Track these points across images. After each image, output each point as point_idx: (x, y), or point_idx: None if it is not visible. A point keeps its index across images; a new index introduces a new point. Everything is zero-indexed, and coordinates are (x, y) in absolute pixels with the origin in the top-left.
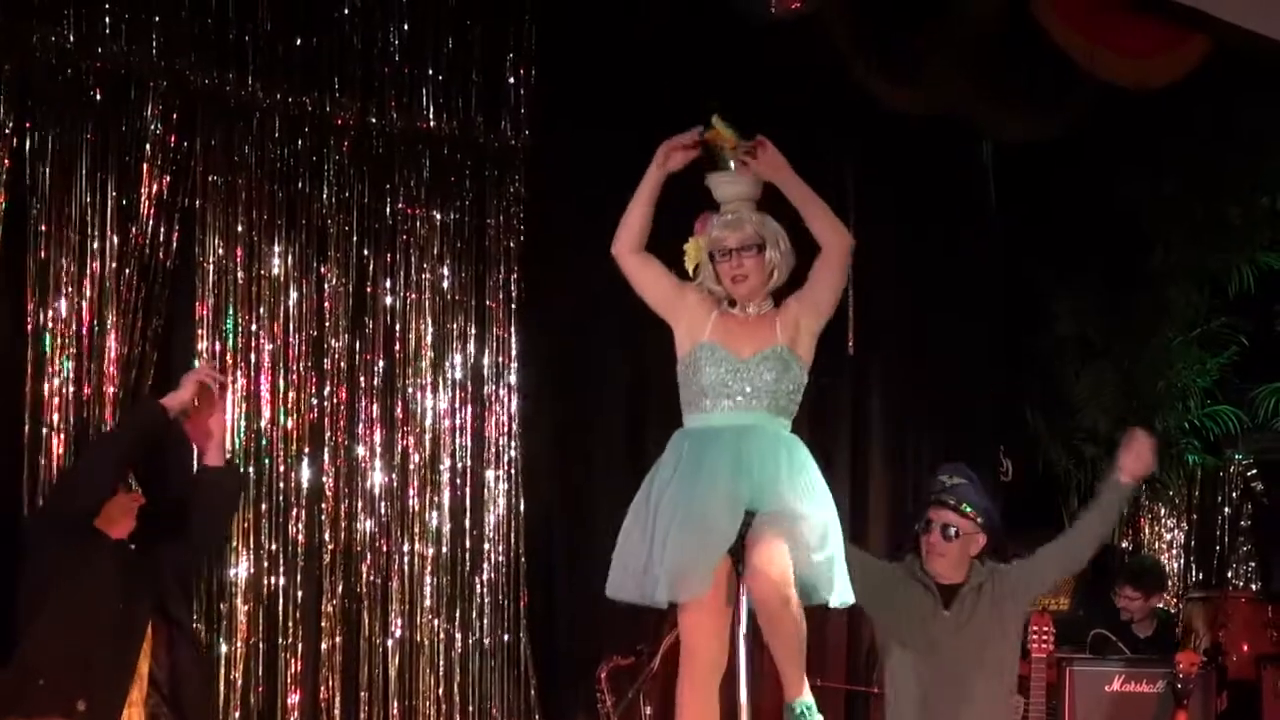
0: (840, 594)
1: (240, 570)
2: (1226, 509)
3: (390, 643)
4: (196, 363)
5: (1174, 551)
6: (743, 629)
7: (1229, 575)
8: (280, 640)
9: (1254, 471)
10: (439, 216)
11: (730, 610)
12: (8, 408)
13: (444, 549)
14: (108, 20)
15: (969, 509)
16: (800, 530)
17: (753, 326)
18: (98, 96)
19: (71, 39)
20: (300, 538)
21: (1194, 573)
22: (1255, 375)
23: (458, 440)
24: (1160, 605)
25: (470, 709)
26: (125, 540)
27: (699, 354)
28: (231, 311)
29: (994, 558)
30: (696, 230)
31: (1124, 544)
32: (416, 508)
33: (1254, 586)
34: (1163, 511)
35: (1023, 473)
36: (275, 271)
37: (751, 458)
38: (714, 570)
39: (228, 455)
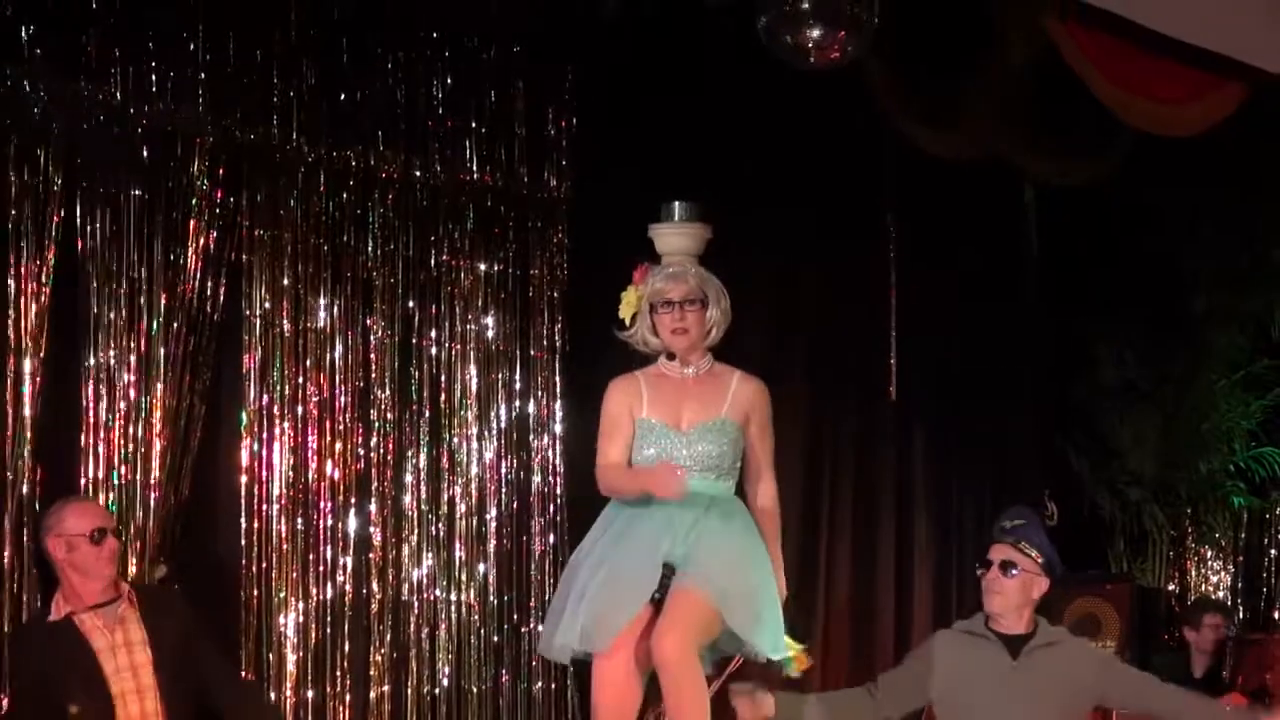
0: (775, 647)
1: (289, 619)
2: (1273, 550)
3: (439, 691)
4: (244, 415)
5: (1221, 594)
6: None
7: (1276, 616)
8: (329, 690)
9: None
10: (483, 267)
11: (644, 663)
12: (57, 461)
13: (491, 598)
14: (154, 78)
15: (1029, 548)
16: (721, 588)
17: (692, 392)
18: (145, 153)
19: (118, 97)
20: (348, 587)
21: (1241, 614)
22: None
23: (504, 489)
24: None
25: None
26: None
27: (639, 431)
28: (278, 364)
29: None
30: (634, 279)
31: (1170, 586)
32: (464, 557)
33: None
34: (1209, 554)
35: (1068, 517)
36: (321, 324)
37: (679, 520)
38: (624, 624)
39: None
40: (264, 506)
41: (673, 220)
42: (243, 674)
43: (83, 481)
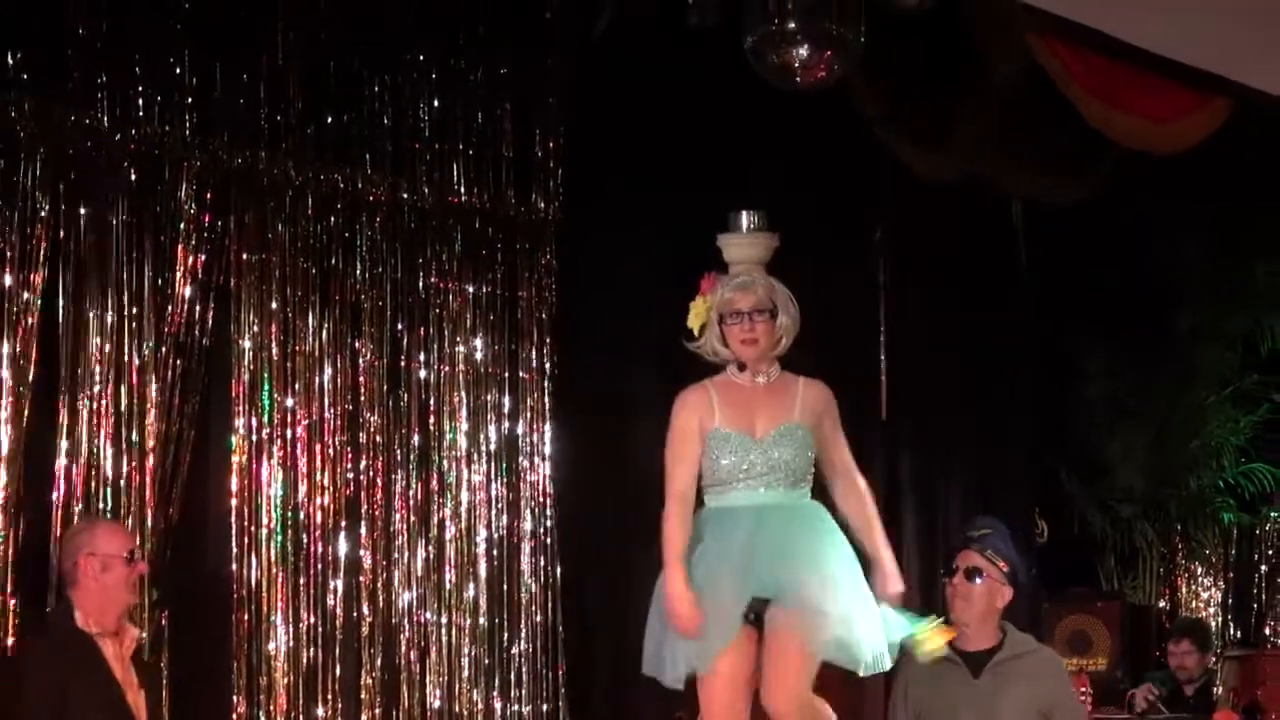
0: (876, 661)
1: (279, 643)
2: (1263, 566)
3: (429, 714)
4: (233, 440)
5: (1211, 610)
6: None
7: (1266, 632)
8: (320, 713)
9: None
10: (471, 290)
11: (751, 682)
12: (43, 489)
13: (481, 620)
14: (140, 102)
15: (995, 556)
16: (822, 624)
17: (762, 399)
18: (132, 177)
19: (105, 121)
20: (338, 610)
21: (1231, 630)
22: None
23: (493, 511)
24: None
25: None
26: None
27: (713, 442)
28: (267, 387)
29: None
30: (702, 290)
31: (1161, 603)
32: (453, 579)
33: None
34: (1199, 570)
35: (1059, 534)
36: (310, 347)
37: (767, 542)
38: (721, 648)
39: None
40: (254, 530)
41: (741, 230)
42: None
43: (70, 507)
